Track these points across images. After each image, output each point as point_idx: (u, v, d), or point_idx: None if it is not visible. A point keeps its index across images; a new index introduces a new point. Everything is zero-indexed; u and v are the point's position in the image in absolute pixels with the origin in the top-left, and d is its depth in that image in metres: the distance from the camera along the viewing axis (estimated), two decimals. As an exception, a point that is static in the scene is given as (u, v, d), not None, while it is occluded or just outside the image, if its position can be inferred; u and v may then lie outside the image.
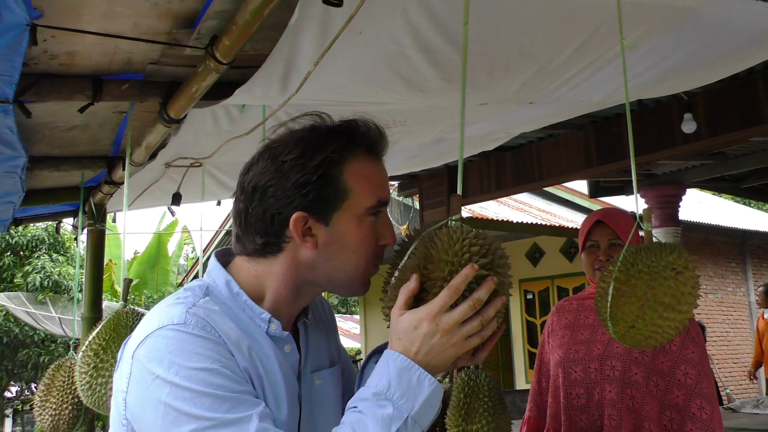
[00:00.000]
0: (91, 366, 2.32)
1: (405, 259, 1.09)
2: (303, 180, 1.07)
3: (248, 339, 1.07)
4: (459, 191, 1.22)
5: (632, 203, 2.32)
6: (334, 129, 1.12)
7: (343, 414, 1.04)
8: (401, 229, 8.72)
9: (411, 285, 1.04)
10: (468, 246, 1.03)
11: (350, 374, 1.34)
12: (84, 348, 2.38)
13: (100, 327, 2.39)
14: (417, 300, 1.05)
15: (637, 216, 1.63)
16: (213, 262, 1.16)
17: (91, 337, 2.39)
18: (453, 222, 1.11)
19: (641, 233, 1.63)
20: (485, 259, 1.03)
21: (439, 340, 1.00)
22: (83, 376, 2.34)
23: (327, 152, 1.08)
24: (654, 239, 1.60)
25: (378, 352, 1.29)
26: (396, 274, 1.09)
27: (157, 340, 1.02)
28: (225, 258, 1.18)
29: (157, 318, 1.05)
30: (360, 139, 1.12)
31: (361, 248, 1.11)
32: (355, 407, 1.01)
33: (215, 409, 0.96)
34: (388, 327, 1.08)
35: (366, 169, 1.11)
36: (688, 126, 4.17)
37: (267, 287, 1.13)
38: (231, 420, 0.96)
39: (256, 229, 1.10)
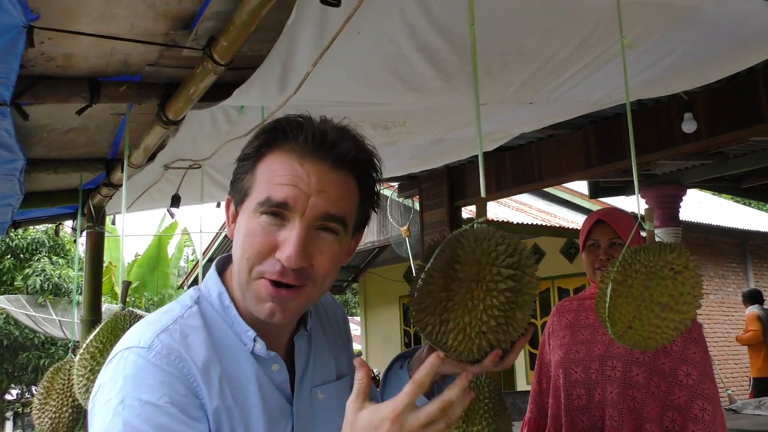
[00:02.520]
0: (88, 369, 2.31)
1: (431, 260, 1.08)
2: (235, 167, 1.13)
3: (223, 363, 1.04)
4: (483, 193, 1.23)
5: (632, 203, 2.30)
6: (271, 124, 1.11)
7: None
8: (401, 231, 8.70)
9: (363, 379, 0.93)
10: (495, 245, 1.03)
11: None
12: (81, 351, 2.37)
13: (97, 330, 2.38)
14: (445, 302, 1.02)
15: (639, 216, 1.62)
16: (211, 270, 1.15)
17: (88, 340, 2.38)
18: (478, 224, 1.12)
19: (643, 233, 1.62)
20: (512, 258, 1.02)
21: None
22: (80, 378, 2.33)
23: (253, 144, 1.10)
24: (657, 239, 1.58)
25: (402, 357, 1.27)
26: (422, 276, 1.08)
27: (120, 361, 1.01)
28: (225, 266, 1.16)
29: (132, 334, 1.05)
30: (284, 135, 1.07)
31: (245, 246, 1.04)
32: None
33: None
34: (416, 331, 1.04)
35: (274, 165, 1.05)
36: (688, 126, 4.15)
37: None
38: None
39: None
